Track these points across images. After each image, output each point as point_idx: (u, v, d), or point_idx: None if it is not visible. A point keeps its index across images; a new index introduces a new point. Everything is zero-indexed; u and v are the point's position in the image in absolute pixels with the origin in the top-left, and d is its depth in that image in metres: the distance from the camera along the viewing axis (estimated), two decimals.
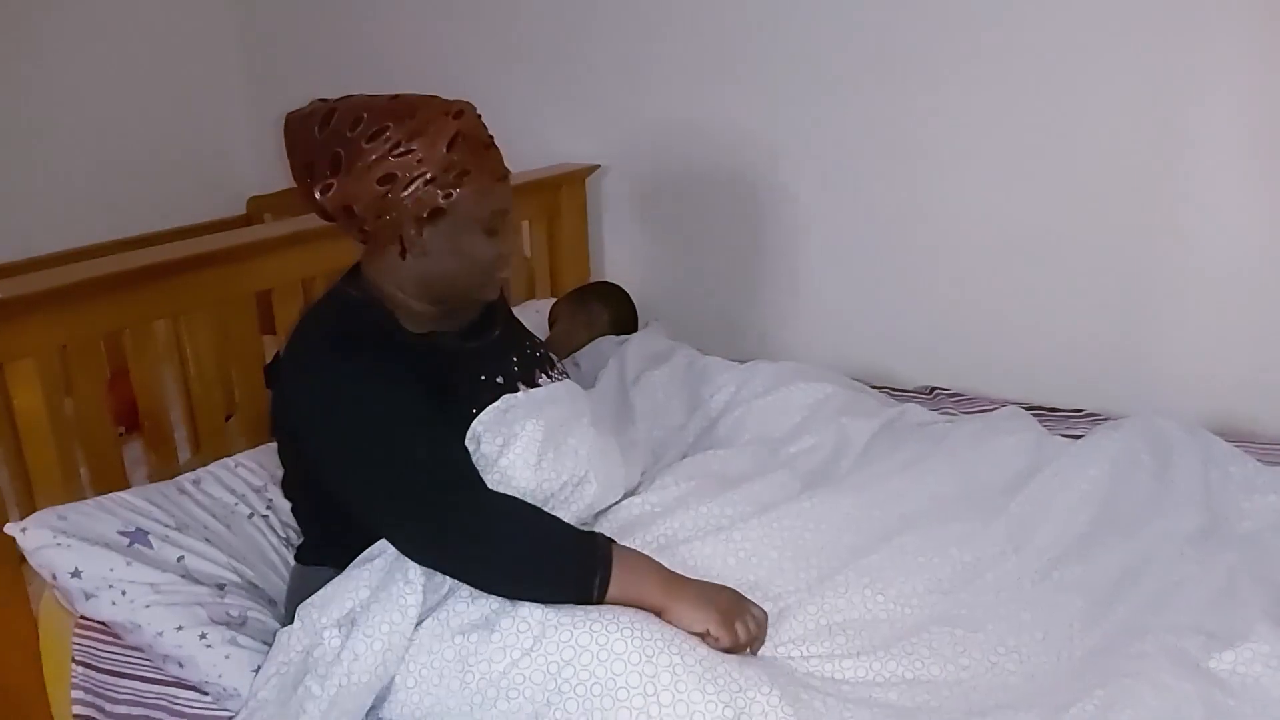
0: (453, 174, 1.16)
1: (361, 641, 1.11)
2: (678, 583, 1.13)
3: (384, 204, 1.15)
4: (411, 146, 1.14)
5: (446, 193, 1.16)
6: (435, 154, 1.15)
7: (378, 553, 1.20)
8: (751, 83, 2.15)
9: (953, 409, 1.90)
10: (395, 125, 1.15)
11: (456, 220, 1.19)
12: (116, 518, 1.34)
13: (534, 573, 1.13)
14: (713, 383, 1.76)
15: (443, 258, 1.21)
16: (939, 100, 1.96)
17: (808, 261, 2.21)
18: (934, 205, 2.03)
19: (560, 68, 2.40)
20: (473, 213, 1.19)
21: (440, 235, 1.19)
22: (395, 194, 1.15)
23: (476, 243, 1.21)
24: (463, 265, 1.22)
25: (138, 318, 1.53)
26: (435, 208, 1.17)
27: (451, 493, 1.16)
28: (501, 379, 1.29)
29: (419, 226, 1.18)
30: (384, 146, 1.14)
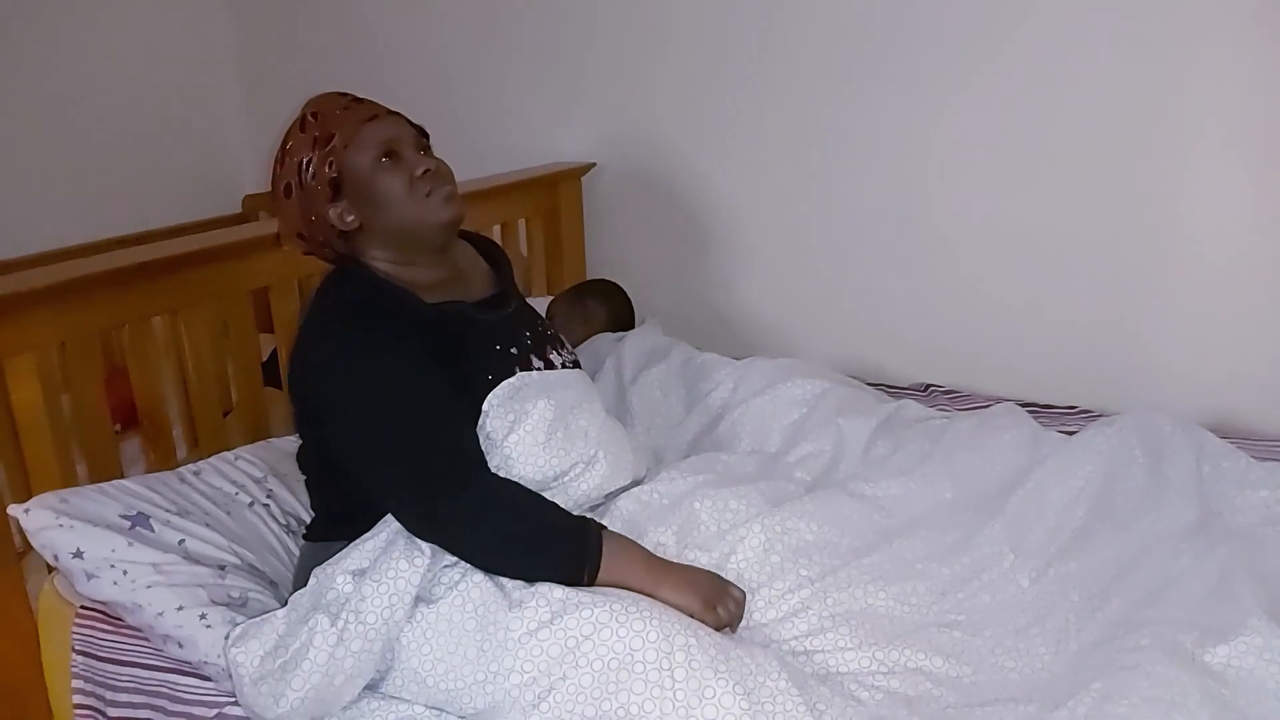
0: (320, 145, 1.23)
1: (369, 584, 1.13)
2: (661, 567, 1.18)
3: (304, 209, 1.25)
4: (283, 153, 1.27)
5: (328, 162, 1.23)
6: (298, 142, 1.25)
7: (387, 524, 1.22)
8: (748, 81, 2.17)
9: (948, 406, 1.92)
10: (276, 154, 1.28)
11: (353, 176, 1.24)
12: (118, 502, 1.35)
13: (525, 553, 1.17)
14: (710, 379, 1.77)
15: (372, 214, 1.25)
16: (935, 98, 1.98)
17: (803, 259, 2.22)
18: (930, 203, 2.05)
19: (557, 66, 2.41)
20: (359, 160, 1.24)
21: (354, 198, 1.25)
22: (301, 194, 1.25)
23: (384, 180, 1.24)
24: (388, 207, 1.25)
25: (136, 314, 1.53)
26: (330, 180, 1.24)
27: (450, 471, 1.18)
28: (515, 350, 1.31)
29: (335, 205, 1.25)
30: (275, 173, 1.28)
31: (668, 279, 2.39)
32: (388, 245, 1.28)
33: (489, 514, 1.17)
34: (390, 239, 1.27)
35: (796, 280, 2.24)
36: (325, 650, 1.10)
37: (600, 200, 2.45)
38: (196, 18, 2.90)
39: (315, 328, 1.24)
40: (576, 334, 2.03)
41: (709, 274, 2.35)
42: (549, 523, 1.19)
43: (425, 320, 1.23)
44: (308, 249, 1.31)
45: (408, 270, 1.29)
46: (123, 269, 1.50)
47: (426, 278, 1.30)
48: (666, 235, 2.38)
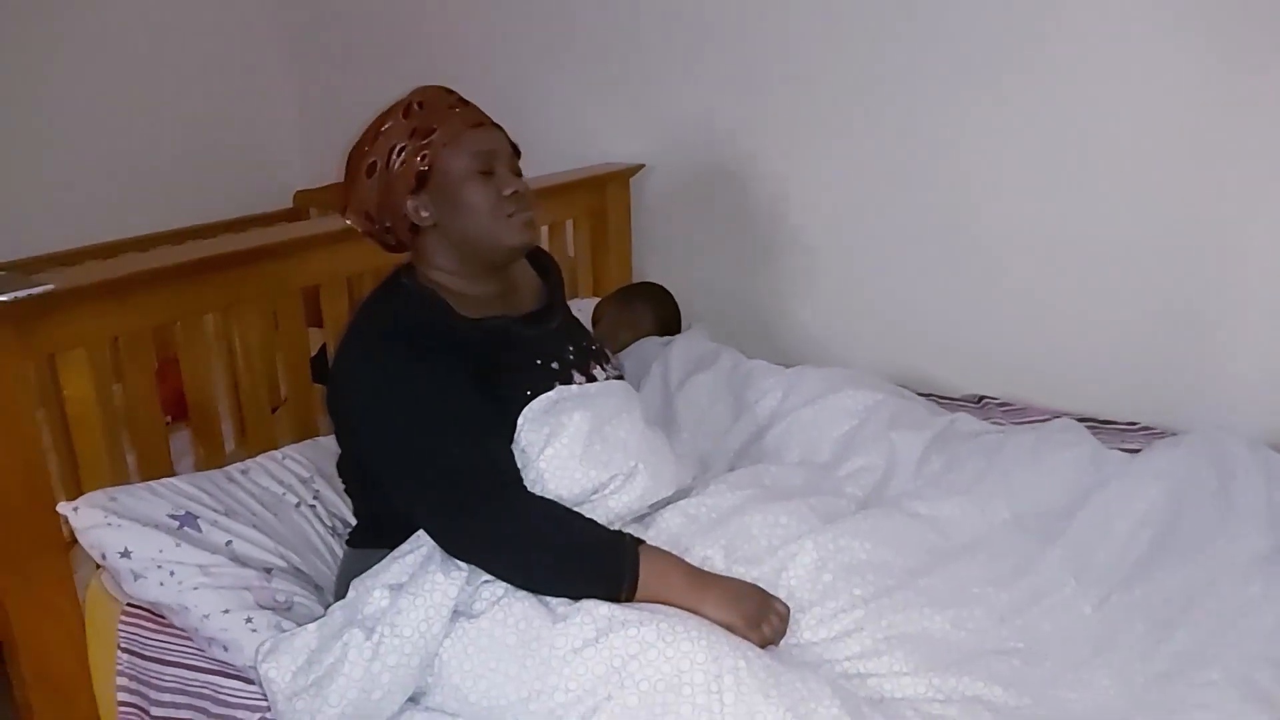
0: (418, 136, 1.23)
1: (406, 598, 1.12)
2: (703, 582, 1.15)
3: (381, 193, 1.24)
4: (378, 132, 1.25)
5: (421, 155, 1.22)
6: (397, 126, 1.24)
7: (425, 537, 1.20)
8: (801, 85, 2.13)
9: (1002, 419, 1.87)
10: (368, 127, 1.27)
11: (443, 176, 1.23)
12: (166, 501, 1.35)
13: (559, 571, 1.15)
14: (758, 387, 1.74)
15: (450, 218, 1.25)
16: (992, 104, 1.93)
17: (853, 265, 2.18)
18: (983, 209, 2.00)
19: (607, 67, 2.39)
20: (454, 163, 1.23)
21: (437, 197, 1.24)
22: (383, 178, 1.23)
23: (473, 190, 1.24)
24: (469, 217, 1.24)
25: (188, 311, 1.53)
26: (418, 173, 1.23)
27: (483, 490, 1.16)
28: (557, 365, 1.30)
29: (414, 199, 1.24)
30: (362, 148, 1.26)
31: (715, 283, 2.36)
32: (452, 252, 1.27)
33: (520, 532, 1.15)
34: (458, 247, 1.26)
35: (846, 287, 2.20)
36: (360, 665, 1.09)
37: (648, 202, 2.42)
38: (250, 14, 2.92)
39: (354, 342, 1.23)
40: (623, 337, 2.01)
41: (756, 279, 2.31)
42: (583, 540, 1.16)
43: (467, 338, 1.22)
44: (369, 230, 1.30)
45: (462, 281, 1.28)
46: (175, 266, 1.50)
47: (478, 290, 1.29)
48: (714, 239, 2.35)
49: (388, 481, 1.20)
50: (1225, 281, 1.80)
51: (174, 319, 1.54)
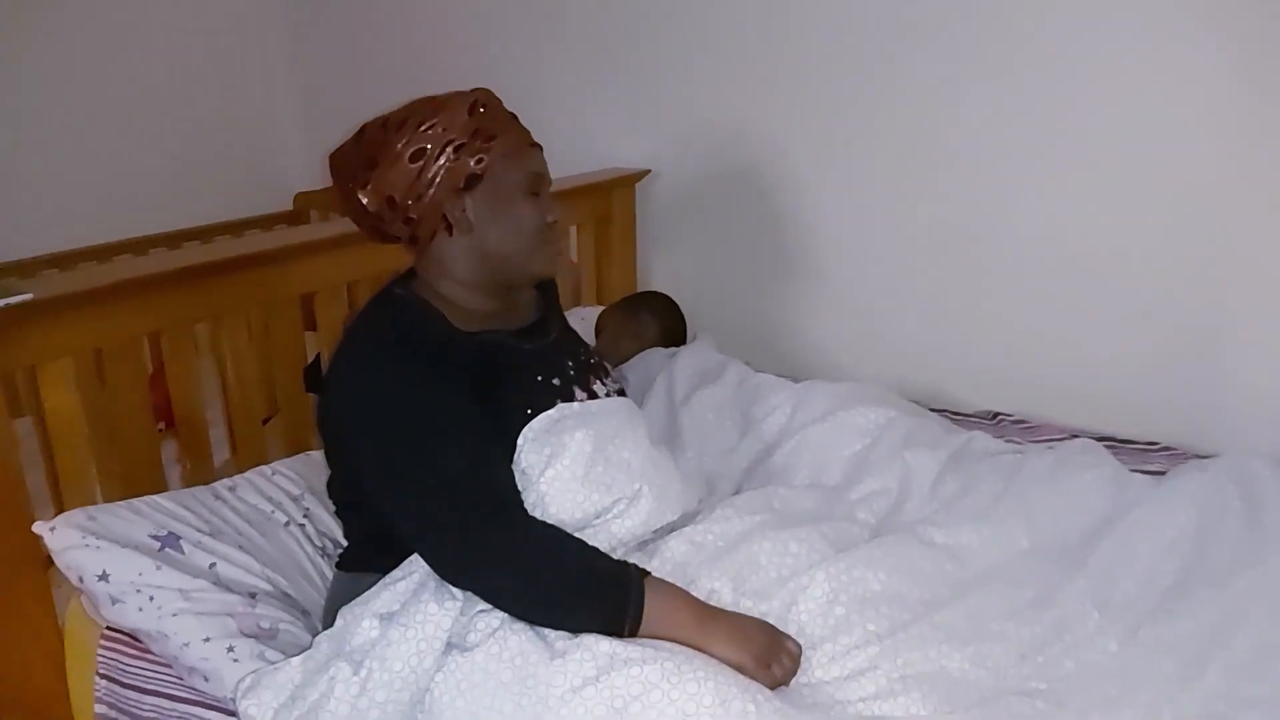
0: (480, 138, 1.17)
1: (397, 629, 1.06)
2: (712, 619, 1.09)
3: (421, 182, 1.16)
4: (434, 120, 1.16)
5: (478, 157, 1.16)
6: (458, 120, 1.17)
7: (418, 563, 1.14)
8: (806, 88, 2.07)
9: (1018, 437, 1.80)
10: (417, 112, 1.18)
11: (495, 185, 1.18)
12: (148, 520, 1.29)
13: (560, 602, 1.09)
14: (766, 402, 1.68)
15: (490, 228, 1.19)
16: (1006, 112, 1.87)
17: (865, 276, 2.12)
18: (1000, 221, 1.94)
19: (612, 68, 2.33)
20: (509, 176, 1.19)
21: (482, 203, 1.18)
22: (429, 168, 1.15)
23: (520, 207, 1.20)
24: (510, 233, 1.20)
25: (175, 320, 1.48)
26: (471, 174, 1.17)
27: (481, 513, 1.10)
28: (558, 381, 1.24)
29: (459, 198, 1.17)
30: (410, 131, 1.16)
31: (722, 293, 2.30)
32: (474, 262, 1.21)
33: (520, 559, 1.09)
34: (484, 259, 1.21)
35: (858, 298, 2.14)
36: (347, 702, 1.03)
37: (654, 208, 2.37)
38: (251, 13, 2.88)
39: (348, 355, 1.17)
40: (626, 348, 1.95)
41: (765, 289, 2.25)
42: (586, 569, 1.10)
43: (463, 353, 1.17)
44: (377, 215, 1.19)
45: (466, 293, 1.23)
46: (162, 274, 1.45)
47: (481, 304, 1.24)
48: (722, 247, 2.29)
49: (380, 501, 1.14)
50: (1248, 297, 1.74)
51: (160, 328, 1.48)
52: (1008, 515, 1.39)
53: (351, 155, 1.20)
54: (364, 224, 1.23)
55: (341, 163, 1.22)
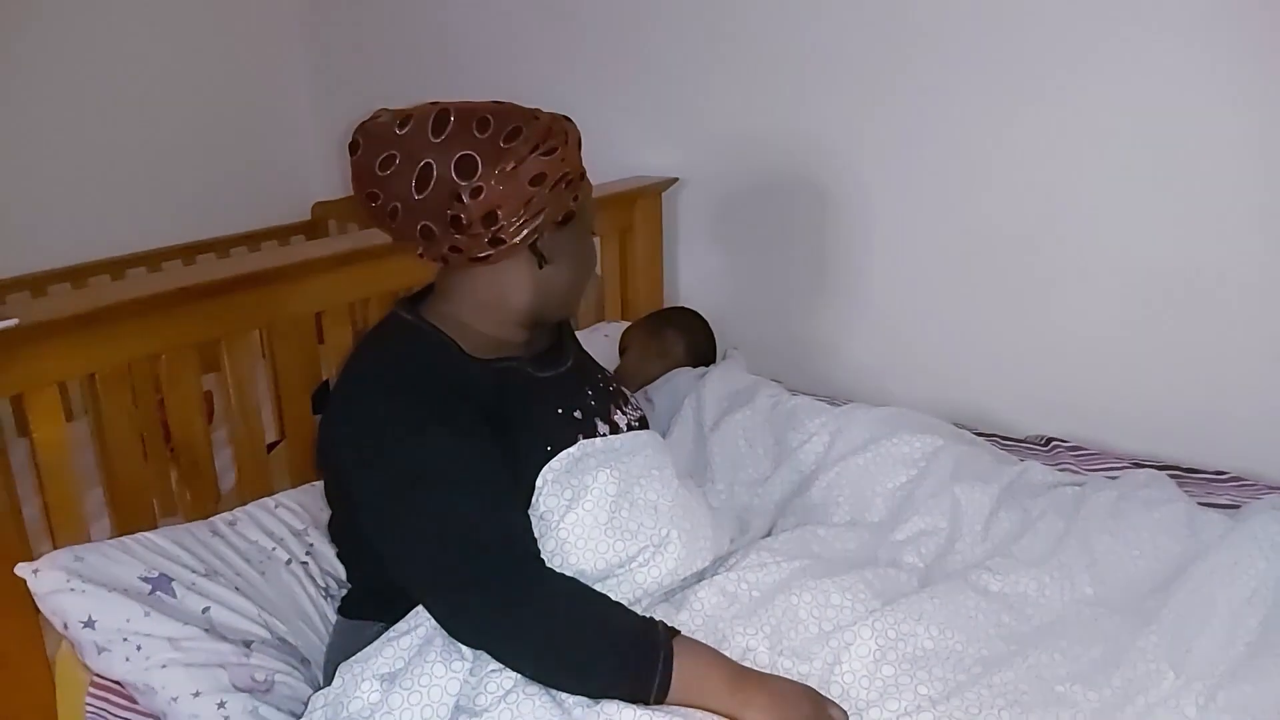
0: (578, 175, 1.13)
1: (399, 693, 0.97)
2: (748, 684, 0.99)
3: (529, 207, 1.07)
4: (553, 145, 1.07)
5: (574, 194, 1.12)
6: (572, 154, 1.11)
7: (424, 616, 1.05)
8: (845, 90, 1.96)
9: (1073, 465, 1.68)
10: (528, 126, 1.07)
11: (580, 223, 1.16)
12: (139, 561, 1.21)
13: (581, 664, 0.98)
14: (802, 429, 1.57)
15: (564, 264, 1.14)
16: (1053, 111, 1.74)
17: (906, 291, 2.00)
18: (1053, 230, 1.81)
19: (636, 70, 2.23)
20: (586, 215, 1.17)
21: (568, 240, 1.14)
22: (542, 195, 1.07)
23: (589, 246, 1.20)
24: (580, 270, 1.18)
25: (171, 344, 1.39)
26: (569, 211, 1.12)
27: (495, 564, 1.00)
28: (579, 413, 1.15)
29: (553, 231, 1.11)
30: (526, 147, 1.05)
31: (753, 308, 2.19)
32: (530, 295, 1.13)
33: (538, 615, 0.99)
34: (545, 294, 1.14)
35: (899, 314, 2.02)
36: None
37: (682, 219, 2.26)
38: (269, 24, 2.82)
39: (351, 389, 1.07)
40: (652, 368, 1.85)
41: (799, 304, 2.14)
42: (610, 628, 1.00)
43: (477, 383, 1.07)
44: (455, 225, 1.04)
45: (495, 322, 1.14)
46: (152, 297, 1.36)
47: (506, 334, 1.15)
48: (753, 260, 2.18)
49: (385, 551, 1.04)
50: None
51: (156, 352, 1.40)
52: (1070, 560, 1.27)
53: (425, 142, 1.02)
54: (410, 222, 1.05)
55: (404, 144, 1.02)
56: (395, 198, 1.05)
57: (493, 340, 1.13)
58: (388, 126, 1.05)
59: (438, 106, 1.06)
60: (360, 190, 1.07)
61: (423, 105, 1.07)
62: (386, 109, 1.08)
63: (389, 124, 1.05)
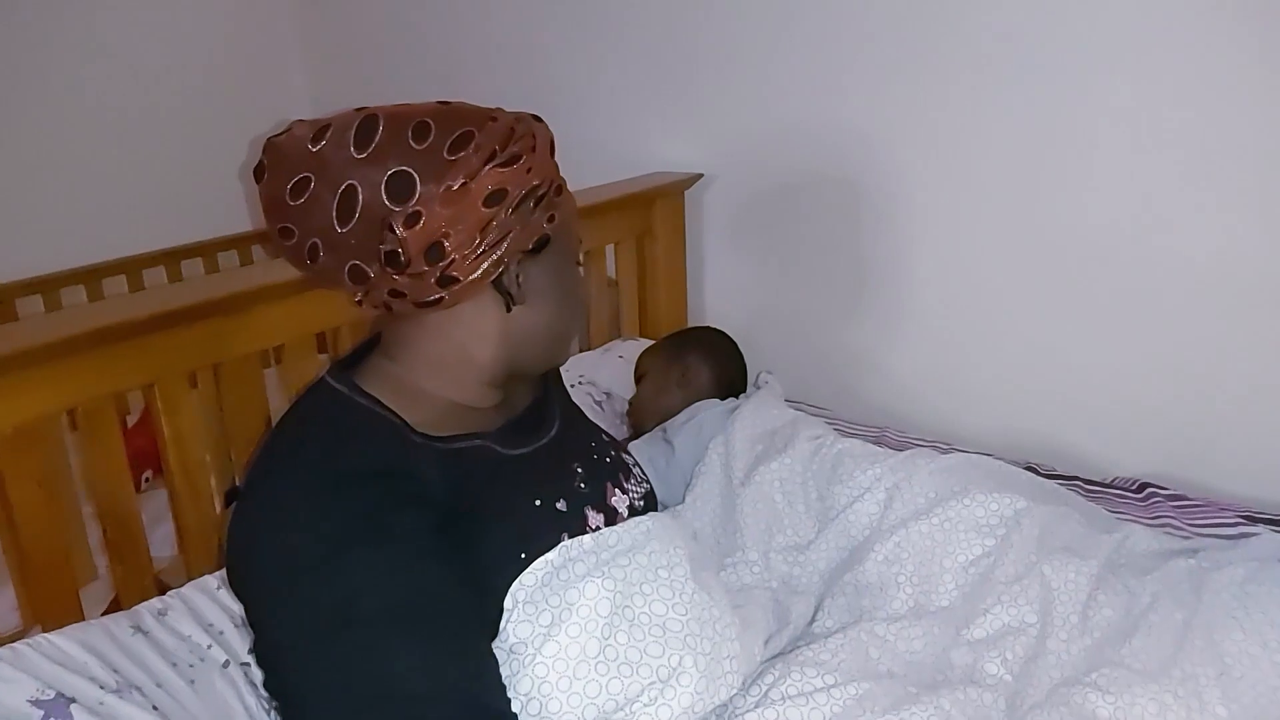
0: (554, 190, 0.90)
1: None
2: None
3: (487, 234, 0.83)
4: (515, 153, 0.84)
5: (550, 215, 0.89)
6: (542, 162, 0.87)
7: None
8: (885, 76, 1.68)
9: (1176, 520, 1.40)
10: (481, 130, 0.84)
11: (557, 251, 0.92)
12: (33, 677, 0.97)
13: None
14: (852, 482, 1.31)
15: (542, 304, 0.91)
16: (1143, 93, 1.45)
17: (963, 305, 1.73)
18: (1141, 235, 1.52)
19: (655, 57, 1.97)
20: (569, 240, 0.95)
21: (545, 271, 0.91)
22: (504, 218, 0.84)
23: (575, 277, 0.96)
24: (565, 309, 0.94)
25: (92, 393, 1.16)
26: (542, 235, 0.88)
27: None
28: (563, 503, 0.90)
29: (523, 263, 0.88)
30: (478, 158, 0.82)
31: (789, 324, 1.93)
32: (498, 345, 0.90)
33: None
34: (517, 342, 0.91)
35: (954, 331, 1.75)
36: None
37: (706, 220, 1.99)
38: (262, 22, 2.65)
39: (255, 496, 0.83)
40: (672, 399, 1.60)
41: (840, 318, 1.87)
42: None
43: (427, 478, 0.82)
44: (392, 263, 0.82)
45: (456, 384, 0.91)
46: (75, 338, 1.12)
47: (468, 397, 0.91)
48: (787, 267, 1.92)
49: (299, 705, 0.79)
50: None
51: (67, 406, 1.17)
52: (1195, 669, 1.00)
53: (346, 159, 0.80)
54: (337, 261, 0.83)
55: (319, 163, 0.80)
56: (314, 232, 0.81)
57: (452, 409, 0.89)
58: (300, 142, 0.81)
59: (364, 113, 0.81)
60: (272, 225, 0.83)
61: (345, 112, 0.82)
62: (303, 120, 0.83)
63: (302, 139, 0.81)
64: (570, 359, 1.77)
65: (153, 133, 2.46)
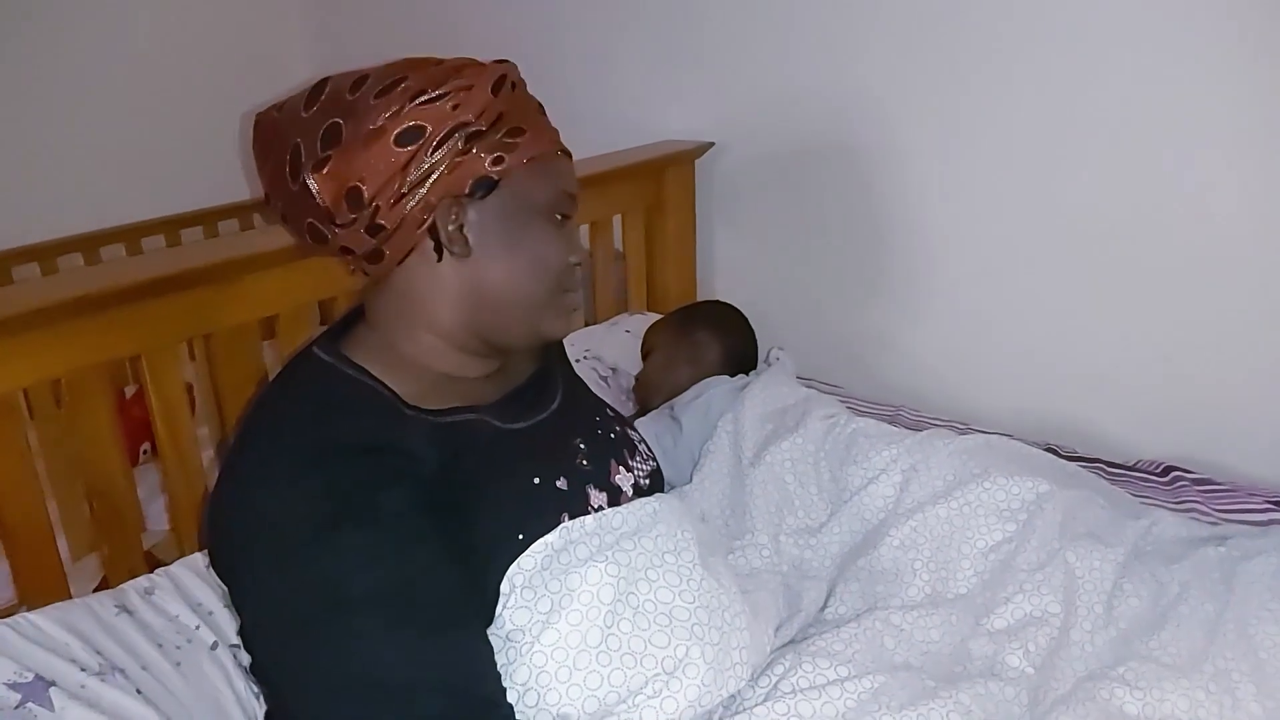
0: (503, 129, 0.82)
1: None
2: None
3: (407, 175, 0.80)
4: (443, 91, 0.80)
5: (496, 155, 0.82)
6: (478, 99, 0.81)
7: None
8: (912, 40, 1.61)
9: (1202, 505, 1.35)
10: (415, 74, 0.81)
11: (513, 198, 0.84)
12: (10, 659, 0.93)
13: None
14: (866, 463, 1.26)
15: (495, 258, 0.84)
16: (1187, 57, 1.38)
17: (983, 279, 1.67)
18: (1172, 209, 1.46)
19: (664, 19, 1.90)
20: (534, 189, 0.85)
21: (493, 221, 0.84)
22: (423, 157, 0.80)
23: (541, 235, 0.85)
24: (523, 270, 0.85)
25: (73, 364, 1.11)
26: (482, 176, 0.81)
27: None
28: (564, 481, 0.85)
29: (459, 208, 0.82)
30: (403, 99, 0.80)
31: (802, 298, 1.87)
32: (457, 305, 0.84)
33: None
34: (474, 302, 0.84)
35: (974, 306, 1.69)
36: None
37: (718, 191, 1.93)
38: None
39: (237, 470, 0.78)
40: (680, 375, 1.55)
41: (856, 293, 1.81)
42: None
43: (418, 453, 0.77)
44: (328, 218, 0.81)
45: (436, 350, 0.86)
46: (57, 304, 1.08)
47: (452, 366, 0.86)
48: (801, 240, 1.86)
49: (283, 690, 0.76)
50: None
51: (53, 375, 1.12)
52: (1228, 664, 0.95)
53: (295, 119, 0.81)
54: (298, 223, 0.83)
55: (279, 129, 0.82)
56: (277, 195, 0.80)
57: (442, 381, 0.84)
58: (268, 111, 0.81)
59: (322, 77, 0.80)
60: (266, 199, 0.80)
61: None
62: None
63: (270, 108, 0.81)
64: (575, 333, 1.72)
65: (152, 100, 2.42)
